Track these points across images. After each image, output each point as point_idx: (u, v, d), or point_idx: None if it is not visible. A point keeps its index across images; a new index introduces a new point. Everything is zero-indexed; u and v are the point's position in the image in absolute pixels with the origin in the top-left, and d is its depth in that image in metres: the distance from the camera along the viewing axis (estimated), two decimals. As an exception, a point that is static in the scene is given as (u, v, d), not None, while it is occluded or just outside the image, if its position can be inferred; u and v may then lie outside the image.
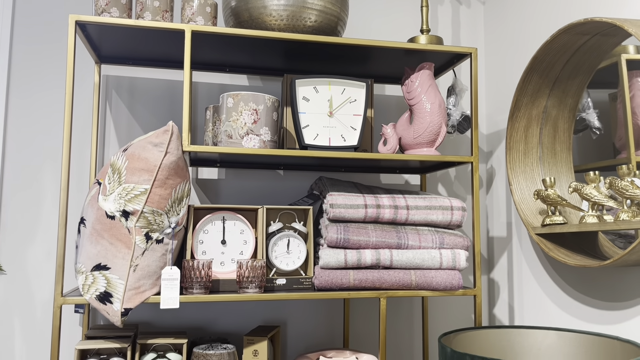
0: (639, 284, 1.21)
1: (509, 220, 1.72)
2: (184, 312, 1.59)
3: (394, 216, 1.43)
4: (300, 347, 1.67)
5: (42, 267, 1.53)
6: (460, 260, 1.41)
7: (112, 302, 1.19)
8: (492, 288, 1.79)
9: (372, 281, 1.37)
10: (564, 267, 1.46)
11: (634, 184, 1.16)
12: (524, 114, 1.51)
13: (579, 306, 1.40)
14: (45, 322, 1.52)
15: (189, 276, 1.28)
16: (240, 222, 1.42)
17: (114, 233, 1.22)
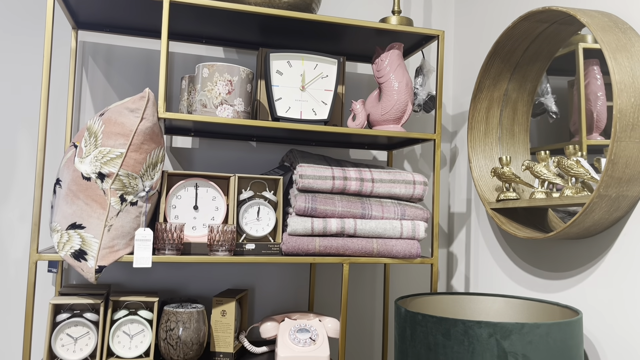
0: (578, 256, 1.32)
1: (468, 197, 1.82)
2: (156, 275, 1.65)
3: (359, 188, 1.51)
4: (267, 310, 1.75)
5: (15, 228, 1.57)
6: (419, 231, 1.51)
7: (86, 259, 1.24)
8: (451, 260, 1.90)
9: (336, 248, 1.45)
10: (515, 240, 1.57)
11: (579, 163, 1.26)
12: (486, 96, 1.60)
13: (527, 276, 1.51)
14: (19, 281, 1.56)
15: (161, 238, 1.34)
16: (213, 189, 1.48)
17: (89, 194, 1.27)
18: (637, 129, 1.10)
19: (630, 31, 1.18)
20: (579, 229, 1.22)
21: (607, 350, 1.21)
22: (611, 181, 1.12)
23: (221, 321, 1.44)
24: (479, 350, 1.06)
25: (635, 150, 1.10)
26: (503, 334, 1.05)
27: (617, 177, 1.11)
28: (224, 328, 1.44)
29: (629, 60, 1.12)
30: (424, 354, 1.13)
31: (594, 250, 1.28)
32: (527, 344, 1.05)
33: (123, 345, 1.33)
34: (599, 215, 1.17)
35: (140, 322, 1.34)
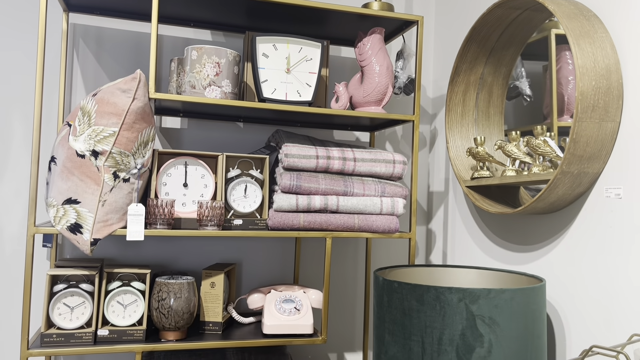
0: (544, 230, 1.42)
1: (447, 177, 1.91)
2: (147, 250, 1.72)
3: (342, 167, 1.59)
4: (254, 284, 1.83)
5: (11, 204, 1.62)
6: (398, 207, 1.59)
7: (82, 232, 1.31)
8: (429, 237, 1.99)
9: (319, 223, 1.53)
10: (488, 215, 1.67)
11: (546, 142, 1.34)
12: (463, 80, 1.67)
13: (499, 250, 1.61)
14: (14, 256, 1.62)
15: (153, 213, 1.40)
16: (202, 167, 1.54)
17: (84, 171, 1.33)
18: (597, 110, 1.19)
19: (595, 18, 1.26)
20: (545, 204, 1.31)
21: (568, 315, 1.32)
22: (573, 159, 1.20)
23: (210, 292, 1.52)
24: (449, 313, 1.15)
25: (595, 130, 1.19)
26: (471, 298, 1.14)
27: (579, 155, 1.20)
28: (213, 299, 1.52)
29: (591, 46, 1.20)
30: (399, 318, 1.22)
31: (558, 224, 1.37)
32: (493, 308, 1.14)
33: (117, 315, 1.40)
34: (562, 191, 1.26)
35: (133, 292, 1.42)
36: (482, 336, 1.13)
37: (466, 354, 1.13)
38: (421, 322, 1.18)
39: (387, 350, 1.25)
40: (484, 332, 1.13)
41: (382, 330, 1.28)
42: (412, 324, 1.19)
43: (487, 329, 1.13)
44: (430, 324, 1.17)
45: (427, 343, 1.17)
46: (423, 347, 1.17)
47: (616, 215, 1.20)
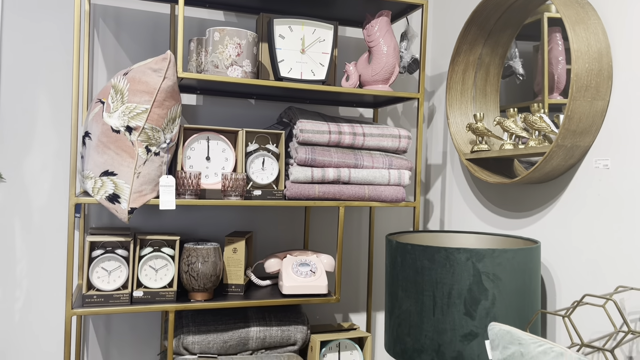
0: (538, 197, 1.57)
1: (444, 150, 2.05)
2: (169, 220, 1.83)
3: (352, 141, 1.71)
4: (267, 251, 1.96)
5: (38, 176, 1.71)
6: (404, 178, 1.73)
7: (120, 202, 1.42)
8: (427, 207, 2.14)
9: (333, 193, 1.66)
10: (486, 185, 1.82)
11: (542, 119, 1.48)
12: (463, 60, 1.80)
13: (495, 217, 1.76)
14: (43, 226, 1.72)
15: (181, 184, 1.52)
16: (222, 142, 1.65)
17: (119, 145, 1.43)
18: (590, 90, 1.33)
19: (588, 6, 1.39)
20: (540, 174, 1.46)
21: (559, 273, 1.48)
22: (567, 133, 1.35)
23: (233, 257, 1.65)
24: (458, 271, 1.30)
25: (587, 107, 1.33)
26: (478, 257, 1.29)
27: (572, 130, 1.35)
28: (235, 263, 1.65)
29: (585, 31, 1.34)
30: (412, 276, 1.37)
31: (551, 192, 1.52)
32: (496, 266, 1.29)
33: (150, 278, 1.52)
34: (556, 162, 1.41)
35: (163, 257, 1.53)
36: (487, 290, 1.29)
37: (473, 306, 1.29)
38: (432, 279, 1.33)
39: (401, 305, 1.40)
40: (489, 286, 1.29)
41: (396, 287, 1.42)
42: (424, 280, 1.34)
43: (491, 284, 1.29)
44: (441, 280, 1.31)
45: (437, 297, 1.32)
46: (434, 301, 1.32)
47: (604, 184, 1.36)
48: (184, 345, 1.57)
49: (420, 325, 1.34)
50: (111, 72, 1.78)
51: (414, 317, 1.36)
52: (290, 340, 1.67)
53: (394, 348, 1.43)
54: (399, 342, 1.40)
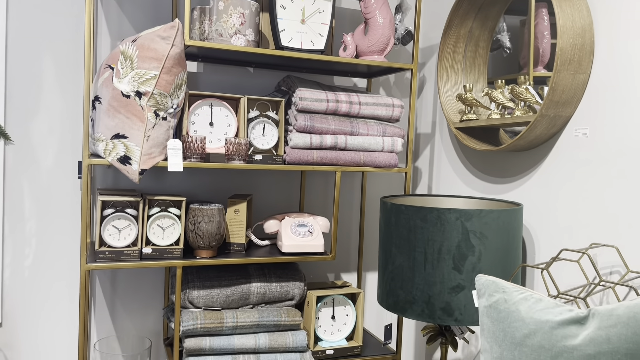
0: (522, 164, 1.69)
1: (433, 120, 2.15)
2: (172, 183, 1.91)
3: (349, 109, 1.80)
4: (267, 212, 2.06)
5: (45, 139, 1.77)
6: (397, 145, 1.83)
7: (131, 163, 1.49)
8: (416, 174, 2.26)
9: (330, 159, 1.76)
10: (472, 153, 1.93)
11: (527, 90, 1.59)
12: (454, 33, 1.89)
13: (480, 182, 1.88)
14: (51, 186, 1.79)
15: (187, 148, 1.59)
16: (225, 108, 1.72)
17: (129, 109, 1.50)
18: (572, 64, 1.43)
19: (574, -16, 1.48)
20: (525, 142, 1.57)
21: (539, 233, 1.61)
22: (551, 104, 1.46)
23: (235, 218, 1.74)
24: (448, 229, 1.41)
25: (569, 80, 1.44)
26: (466, 217, 1.41)
27: (556, 100, 1.45)
28: (237, 224, 1.74)
29: (570, 8, 1.43)
30: (405, 234, 1.48)
31: (534, 159, 1.64)
32: (483, 225, 1.41)
33: (157, 236, 1.61)
34: (540, 131, 1.52)
35: (171, 217, 1.62)
36: (474, 247, 1.41)
37: (461, 261, 1.41)
38: (424, 236, 1.44)
39: (394, 261, 1.52)
40: (475, 243, 1.41)
41: (390, 245, 1.54)
42: (417, 238, 1.45)
43: (478, 242, 1.41)
44: (432, 237, 1.43)
45: (428, 253, 1.44)
46: (425, 257, 1.44)
47: (582, 151, 1.47)
48: (189, 299, 1.67)
49: (412, 279, 1.46)
50: (115, 39, 1.83)
51: (406, 271, 1.48)
52: (289, 296, 1.79)
53: (386, 300, 1.55)
54: (392, 295, 1.52)
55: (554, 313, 1.07)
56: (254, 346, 1.65)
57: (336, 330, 1.83)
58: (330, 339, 1.82)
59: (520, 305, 1.11)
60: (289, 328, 1.73)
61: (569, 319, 1.04)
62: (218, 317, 1.64)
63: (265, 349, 1.66)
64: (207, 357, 1.61)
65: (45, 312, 1.81)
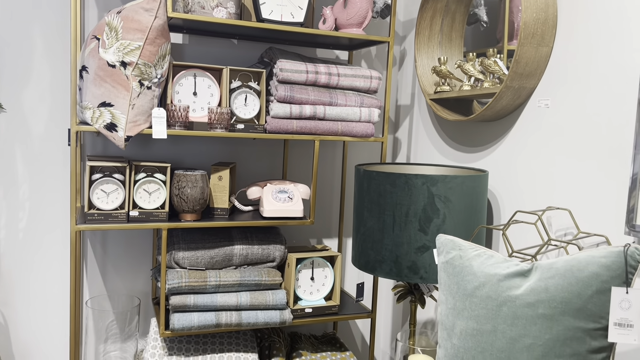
0: (490, 134, 1.77)
1: (413, 92, 2.22)
2: (159, 151, 2.00)
3: (328, 81, 1.87)
4: (250, 180, 2.15)
5: (36, 107, 1.85)
6: (374, 116, 1.91)
7: (117, 130, 1.58)
8: (396, 144, 2.34)
9: (309, 128, 1.84)
10: (446, 123, 2.01)
11: (495, 63, 1.66)
12: (431, 7, 1.95)
13: (453, 152, 1.97)
14: (42, 152, 1.87)
15: (171, 116, 1.67)
16: (208, 78, 1.80)
17: (115, 79, 1.57)
18: (536, 37, 1.50)
19: (540, -40, 1.55)
20: (492, 112, 1.66)
21: (504, 197, 1.71)
22: (515, 76, 1.53)
23: (218, 184, 1.83)
24: (415, 193, 1.51)
25: (533, 53, 1.52)
26: (432, 182, 1.50)
27: (520, 73, 1.53)
28: (220, 190, 1.83)
29: (535, -16, 1.50)
30: (375, 199, 1.57)
31: (501, 129, 1.73)
32: (448, 189, 1.50)
33: (144, 200, 1.70)
34: (505, 102, 1.60)
35: (156, 182, 1.71)
36: (439, 210, 1.50)
37: (426, 223, 1.51)
38: (393, 201, 1.54)
39: (366, 224, 1.61)
40: (440, 207, 1.50)
41: (362, 208, 1.63)
42: (386, 202, 1.55)
43: (443, 205, 1.50)
44: (400, 202, 1.53)
45: (397, 216, 1.53)
46: (394, 219, 1.54)
47: (544, 120, 1.56)
48: (175, 260, 1.77)
49: (382, 240, 1.56)
50: (101, 11, 1.89)
51: (376, 233, 1.58)
52: (270, 258, 1.89)
53: (359, 260, 1.65)
54: (363, 255, 1.63)
55: (502, 267, 1.17)
56: (236, 303, 1.76)
57: (315, 290, 1.94)
58: (309, 298, 1.93)
59: (473, 261, 1.21)
60: (269, 287, 1.84)
61: (514, 272, 1.14)
62: (202, 276, 1.74)
63: (246, 306, 1.77)
64: (191, 314, 1.72)
65: (40, 272, 1.92)
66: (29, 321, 1.92)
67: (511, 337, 1.10)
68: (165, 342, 1.80)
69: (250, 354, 1.83)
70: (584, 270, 1.06)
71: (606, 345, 1.05)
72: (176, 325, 1.68)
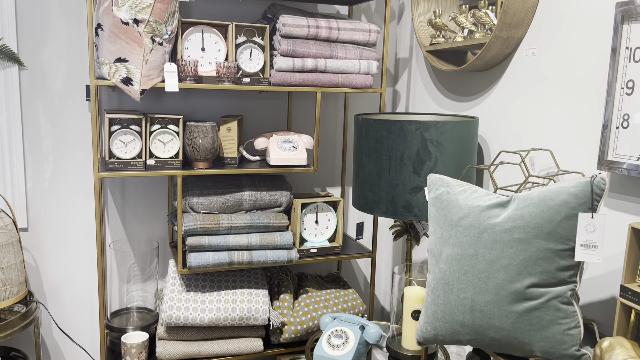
0: (481, 83, 1.88)
1: (411, 45, 2.32)
2: (170, 105, 2.12)
3: (328, 35, 1.97)
4: (257, 131, 2.28)
5: (55, 65, 1.97)
6: (372, 68, 2.01)
7: (132, 84, 1.70)
8: (395, 96, 2.45)
9: (311, 81, 1.95)
10: (442, 74, 2.11)
11: (487, 14, 1.75)
12: (428, -40, 2.02)
13: (448, 101, 2.08)
14: (63, 107, 2.00)
15: (182, 70, 1.79)
16: (215, 34, 1.90)
17: (129, 35, 1.68)
18: (523, -11, 1.59)
19: None
20: (482, 62, 1.76)
21: (494, 142, 1.83)
22: (504, 26, 1.63)
23: (227, 135, 1.96)
24: (409, 138, 1.63)
25: (520, 3, 1.60)
26: (425, 128, 1.62)
27: (508, 23, 1.63)
28: (229, 140, 1.96)
29: (523, -63, 1.57)
30: (373, 144, 1.70)
31: (492, 78, 1.83)
32: (439, 134, 1.63)
33: (159, 150, 1.84)
34: (495, 51, 1.70)
35: (170, 133, 1.84)
36: (431, 154, 1.63)
37: (419, 165, 1.64)
38: (389, 146, 1.66)
39: (364, 168, 1.75)
40: (432, 151, 1.63)
41: (361, 154, 1.76)
42: (383, 147, 1.68)
43: (435, 149, 1.63)
44: (395, 147, 1.65)
45: (392, 160, 1.66)
46: (390, 163, 1.67)
47: (531, 68, 1.66)
48: (190, 205, 1.92)
49: (379, 183, 1.70)
50: (112, -30, 1.98)
51: (374, 177, 1.71)
52: (277, 203, 2.04)
53: (358, 202, 1.79)
54: (363, 197, 1.77)
55: (484, 200, 1.30)
56: (247, 244, 1.92)
57: (319, 233, 2.10)
58: (314, 240, 2.09)
59: (459, 196, 1.35)
60: (277, 229, 1.99)
61: (494, 203, 1.28)
62: (215, 219, 1.90)
63: (256, 246, 1.93)
64: (206, 253, 1.89)
65: (65, 218, 2.08)
66: (57, 264, 2.09)
67: (490, 259, 1.24)
68: (183, 279, 1.97)
69: (261, 290, 2.01)
70: (555, 199, 1.19)
71: (573, 264, 1.19)
72: (193, 263, 1.85)
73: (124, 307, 2.13)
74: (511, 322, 1.21)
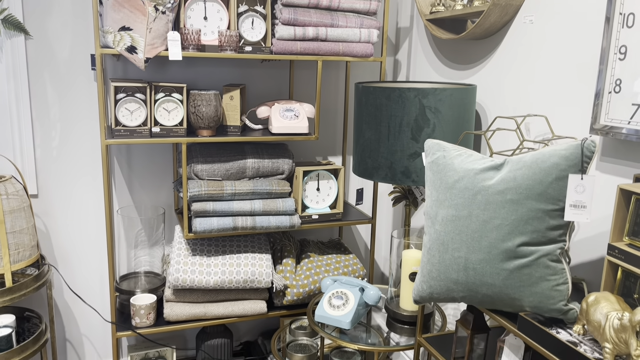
0: (481, 51, 1.90)
1: (412, 14, 2.33)
2: (174, 74, 2.15)
3: (329, 3, 1.99)
4: (259, 100, 2.32)
5: (60, 34, 2.00)
6: (373, 36, 2.04)
7: (137, 52, 1.73)
8: (396, 66, 2.47)
9: (312, 49, 1.98)
10: (442, 43, 2.13)
11: (486, -18, 1.77)
12: None
13: (448, 70, 2.10)
14: (68, 75, 2.04)
15: (185, 39, 1.82)
16: (217, 3, 1.92)
17: (132, 4, 1.71)
18: (522, -44, 1.60)
19: None
20: (481, 30, 1.78)
21: (492, 110, 1.86)
22: (502, -7, 1.65)
23: (230, 104, 2.00)
24: (408, 105, 1.67)
25: (519, -29, 1.62)
26: (423, 95, 1.65)
27: (506, -10, 1.64)
28: (232, 109, 2.00)
29: None
30: (372, 111, 1.74)
31: (490, 46, 1.85)
32: (438, 101, 1.66)
33: (164, 118, 1.88)
34: (494, 19, 1.72)
35: (174, 101, 1.88)
36: (429, 120, 1.67)
37: (418, 132, 1.68)
38: (388, 113, 1.70)
39: (364, 135, 1.79)
40: (430, 117, 1.67)
41: (361, 121, 1.80)
42: (382, 114, 1.72)
43: (433, 116, 1.67)
44: (394, 113, 1.69)
45: (391, 127, 1.70)
46: (389, 130, 1.71)
47: (528, 35, 1.69)
48: (194, 172, 1.98)
49: (378, 149, 1.74)
50: (114, -61, 1.99)
51: (373, 143, 1.76)
52: (279, 170, 2.09)
53: (358, 168, 1.84)
54: (362, 163, 1.81)
55: (479, 163, 1.35)
56: (250, 209, 1.98)
57: (321, 200, 2.15)
58: (315, 206, 2.14)
59: (455, 160, 1.39)
60: (279, 196, 2.05)
61: (488, 166, 1.32)
62: (219, 185, 1.95)
63: (260, 211, 1.99)
64: (211, 218, 1.94)
65: (73, 185, 2.14)
66: (67, 229, 2.16)
67: (483, 220, 1.29)
68: (188, 244, 2.03)
69: (264, 254, 2.07)
70: (547, 161, 1.24)
71: (563, 223, 1.24)
72: (198, 228, 1.91)
73: (132, 271, 2.20)
74: (502, 279, 1.27)
